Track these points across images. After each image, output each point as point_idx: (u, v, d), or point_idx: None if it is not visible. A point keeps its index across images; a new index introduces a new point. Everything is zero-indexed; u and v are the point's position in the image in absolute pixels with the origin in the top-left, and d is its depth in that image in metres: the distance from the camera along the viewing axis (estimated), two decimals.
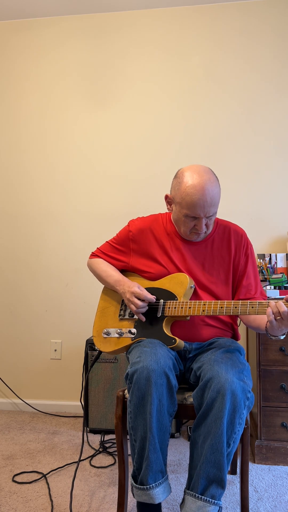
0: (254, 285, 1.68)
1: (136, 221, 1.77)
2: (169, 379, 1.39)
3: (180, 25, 2.79)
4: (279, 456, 2.02)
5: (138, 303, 1.57)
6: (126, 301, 1.62)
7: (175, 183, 1.61)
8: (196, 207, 1.53)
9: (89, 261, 1.84)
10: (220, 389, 1.31)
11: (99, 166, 2.84)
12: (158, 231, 1.72)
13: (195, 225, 1.59)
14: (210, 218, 1.59)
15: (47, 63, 2.92)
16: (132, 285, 1.61)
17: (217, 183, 1.56)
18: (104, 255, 1.80)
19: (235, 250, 1.68)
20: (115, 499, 1.73)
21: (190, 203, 1.53)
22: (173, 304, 1.57)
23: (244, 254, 1.69)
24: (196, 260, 1.66)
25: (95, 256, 1.83)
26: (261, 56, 2.71)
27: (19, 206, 2.91)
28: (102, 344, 1.69)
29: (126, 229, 1.76)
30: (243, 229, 1.74)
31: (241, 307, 1.47)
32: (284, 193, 2.66)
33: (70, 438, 2.36)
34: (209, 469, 1.31)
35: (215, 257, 1.67)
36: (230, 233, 1.70)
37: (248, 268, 1.68)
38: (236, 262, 1.68)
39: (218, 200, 1.56)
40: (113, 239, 1.81)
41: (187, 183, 1.54)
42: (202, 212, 1.54)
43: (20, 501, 1.72)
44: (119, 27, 2.85)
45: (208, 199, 1.52)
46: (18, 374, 2.86)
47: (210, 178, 1.54)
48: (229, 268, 1.67)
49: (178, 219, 1.63)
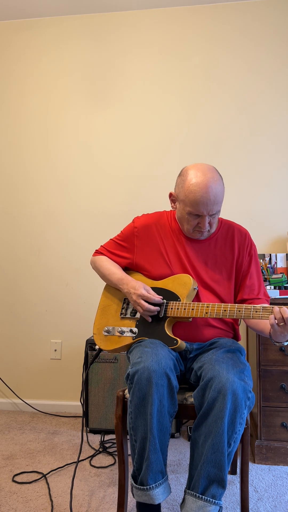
0: (258, 286, 1.67)
1: (141, 218, 1.77)
2: (170, 380, 1.39)
3: (180, 25, 2.80)
4: (279, 456, 2.02)
5: (145, 305, 1.56)
6: (133, 302, 1.61)
7: (179, 181, 1.61)
8: (199, 204, 1.53)
9: (93, 258, 1.83)
10: (221, 389, 1.31)
11: (100, 165, 2.84)
12: (162, 228, 1.72)
13: (198, 223, 1.59)
14: (213, 217, 1.59)
15: (47, 63, 2.92)
16: (138, 287, 1.60)
17: (221, 182, 1.57)
18: (108, 252, 1.79)
19: (238, 250, 1.68)
20: (115, 499, 1.73)
21: (193, 200, 1.53)
22: (176, 305, 1.57)
23: (247, 254, 1.69)
24: (200, 258, 1.66)
25: (99, 254, 1.82)
26: (261, 56, 2.71)
27: (19, 206, 2.91)
28: (102, 342, 1.68)
29: (131, 225, 1.76)
30: (246, 229, 1.74)
31: (245, 311, 1.46)
32: (284, 193, 2.66)
33: (70, 438, 2.36)
34: (210, 469, 1.31)
35: (218, 256, 1.67)
36: (234, 233, 1.70)
37: (251, 268, 1.68)
38: (239, 262, 1.67)
39: (221, 199, 1.56)
40: (117, 236, 1.80)
41: (191, 181, 1.54)
42: (205, 210, 1.54)
43: (20, 501, 1.72)
44: (119, 27, 2.85)
45: (211, 197, 1.52)
46: (18, 374, 2.86)
47: (214, 177, 1.55)
48: (232, 267, 1.67)
49: (181, 217, 1.63)
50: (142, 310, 1.57)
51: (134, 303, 1.60)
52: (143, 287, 1.60)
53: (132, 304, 1.63)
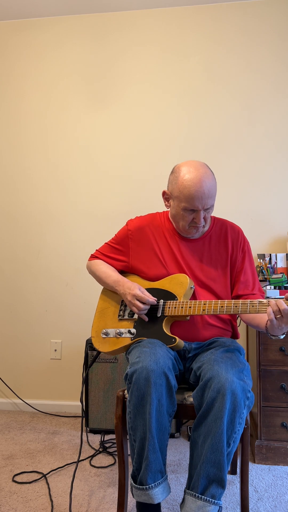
0: (252, 281, 1.69)
1: (135, 220, 1.78)
2: (168, 379, 1.39)
3: (180, 24, 2.79)
4: (279, 456, 2.02)
5: (140, 306, 1.57)
6: (128, 303, 1.62)
7: (172, 178, 1.63)
8: (194, 199, 1.55)
9: (88, 263, 1.85)
10: (220, 388, 1.31)
11: (100, 165, 2.84)
12: (156, 228, 1.73)
13: (193, 218, 1.60)
14: (207, 211, 1.61)
15: (47, 63, 2.92)
16: (133, 287, 1.61)
17: (213, 176, 1.60)
18: (103, 256, 1.81)
19: (232, 247, 1.69)
20: (115, 499, 1.73)
21: (188, 195, 1.55)
22: (173, 304, 1.57)
23: (241, 250, 1.70)
24: (194, 257, 1.67)
25: (94, 258, 1.84)
26: (261, 56, 2.71)
27: (19, 206, 2.91)
28: (101, 345, 1.69)
29: (125, 228, 1.77)
30: (239, 226, 1.77)
31: (241, 306, 1.47)
32: (284, 193, 2.66)
33: (70, 438, 2.36)
34: (209, 468, 1.31)
35: (212, 254, 1.69)
36: (227, 230, 1.72)
37: (245, 264, 1.70)
38: (233, 259, 1.69)
39: (215, 193, 1.59)
40: (112, 240, 1.82)
41: (184, 176, 1.56)
42: (200, 204, 1.56)
43: (20, 501, 1.72)
44: (119, 27, 2.85)
45: (206, 190, 1.54)
46: (18, 374, 2.86)
47: (206, 172, 1.58)
48: (227, 264, 1.68)
49: (176, 214, 1.64)
50: (137, 310, 1.58)
51: (129, 304, 1.61)
52: (138, 288, 1.61)
53: (127, 305, 1.63)
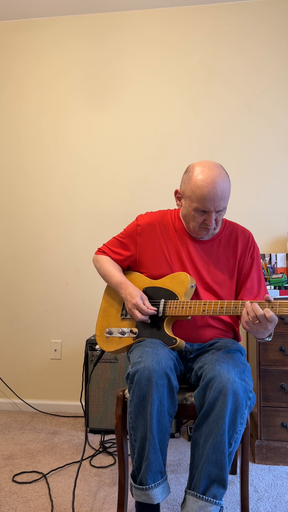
0: (257, 288, 1.66)
1: (145, 216, 1.77)
2: (170, 380, 1.39)
3: (180, 24, 2.79)
4: (279, 456, 2.02)
5: (138, 316, 1.57)
6: (128, 310, 1.63)
7: (185, 177, 1.60)
8: (206, 200, 1.52)
9: (95, 257, 1.83)
10: (222, 389, 1.31)
11: (99, 165, 2.84)
12: (166, 226, 1.71)
13: (204, 219, 1.58)
14: (219, 213, 1.59)
15: (47, 63, 2.91)
16: (135, 295, 1.60)
17: (227, 178, 1.56)
18: (110, 251, 1.79)
19: (241, 252, 1.67)
20: (115, 499, 1.73)
21: (200, 196, 1.53)
22: (174, 304, 1.57)
23: (250, 257, 1.68)
24: (202, 259, 1.66)
25: (101, 253, 1.82)
26: (262, 55, 2.71)
27: (19, 206, 2.91)
28: (105, 344, 1.69)
29: (134, 223, 1.76)
30: (250, 231, 1.74)
31: (241, 307, 1.47)
32: (285, 193, 2.66)
33: (70, 438, 2.36)
34: (211, 468, 1.31)
35: (220, 258, 1.67)
36: (238, 235, 1.70)
37: (252, 271, 1.67)
38: (241, 264, 1.67)
39: (228, 195, 1.56)
40: (120, 234, 1.80)
41: (198, 176, 1.54)
42: (212, 205, 1.53)
43: (20, 501, 1.71)
44: (119, 27, 2.85)
45: (218, 192, 1.52)
46: (18, 374, 2.86)
47: (220, 173, 1.54)
48: (234, 269, 1.66)
49: (187, 214, 1.62)
50: (136, 319, 1.59)
51: (129, 311, 1.62)
52: (140, 296, 1.60)
53: (127, 311, 1.64)
